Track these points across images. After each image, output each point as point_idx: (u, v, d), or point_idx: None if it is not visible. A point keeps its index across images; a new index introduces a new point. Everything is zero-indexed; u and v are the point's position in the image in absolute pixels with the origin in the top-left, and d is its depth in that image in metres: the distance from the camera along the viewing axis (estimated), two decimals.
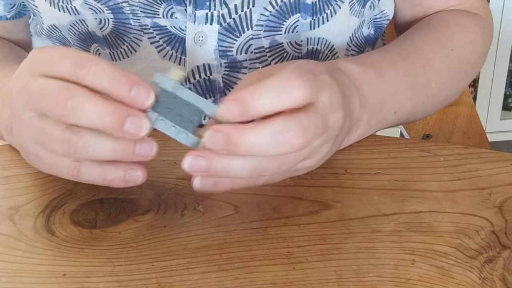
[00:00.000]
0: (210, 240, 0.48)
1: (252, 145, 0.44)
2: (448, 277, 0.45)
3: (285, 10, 0.63)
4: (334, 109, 0.48)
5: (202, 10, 0.61)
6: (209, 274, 0.45)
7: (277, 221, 0.50)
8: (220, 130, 0.44)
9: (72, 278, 0.45)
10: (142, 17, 0.62)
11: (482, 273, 0.45)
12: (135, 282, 0.45)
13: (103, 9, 0.62)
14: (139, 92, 0.45)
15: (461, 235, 0.49)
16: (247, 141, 0.43)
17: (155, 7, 0.61)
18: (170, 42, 0.63)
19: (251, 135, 0.44)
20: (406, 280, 0.45)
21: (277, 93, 0.44)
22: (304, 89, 0.45)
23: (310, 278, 0.45)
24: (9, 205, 0.52)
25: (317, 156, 0.49)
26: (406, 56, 0.62)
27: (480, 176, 0.54)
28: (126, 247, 0.48)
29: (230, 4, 0.61)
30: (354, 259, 0.47)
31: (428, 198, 0.52)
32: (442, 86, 0.64)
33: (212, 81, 0.65)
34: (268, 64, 0.66)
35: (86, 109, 0.44)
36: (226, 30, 0.63)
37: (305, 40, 0.66)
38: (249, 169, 0.45)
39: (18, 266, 0.47)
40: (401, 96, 0.60)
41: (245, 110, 0.44)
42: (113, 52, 0.65)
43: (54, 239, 0.49)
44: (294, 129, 0.44)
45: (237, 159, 0.45)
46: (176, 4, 0.60)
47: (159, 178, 0.54)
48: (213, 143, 0.44)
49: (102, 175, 0.47)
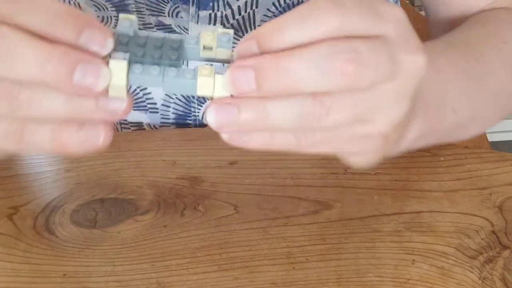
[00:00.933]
0: (210, 240, 0.48)
1: (291, 77, 0.33)
2: (448, 277, 0.45)
3: (288, 11, 0.62)
4: (408, 47, 0.35)
5: (206, 10, 0.61)
6: (209, 274, 0.45)
7: (277, 221, 0.50)
8: (246, 64, 0.33)
9: (72, 278, 0.45)
10: (147, 15, 0.62)
11: (482, 273, 0.45)
12: (135, 282, 0.45)
13: (107, 6, 0.61)
14: (92, 36, 0.33)
15: (461, 235, 0.49)
16: (284, 72, 0.32)
17: (161, 5, 0.61)
18: None
19: (288, 63, 0.32)
20: (406, 280, 0.45)
21: (311, 19, 0.33)
22: (352, 12, 0.33)
23: (310, 278, 0.45)
24: (9, 205, 0.52)
25: (384, 115, 0.36)
26: (455, 47, 0.52)
27: (480, 176, 0.54)
28: (126, 247, 0.48)
29: (233, 6, 0.61)
30: (354, 259, 0.46)
31: (428, 198, 0.52)
32: (499, 83, 0.54)
33: None
34: None
35: (20, 54, 0.32)
36: None
37: None
38: (291, 114, 0.33)
39: (18, 266, 0.46)
40: (457, 88, 0.49)
41: (268, 47, 0.33)
42: None
43: (54, 239, 0.49)
44: (345, 51, 0.32)
45: (275, 101, 0.33)
46: (182, 2, 0.60)
47: (159, 178, 0.54)
48: (238, 84, 0.33)
49: (52, 135, 0.35)
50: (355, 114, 0.34)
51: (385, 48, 0.34)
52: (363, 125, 0.35)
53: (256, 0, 0.61)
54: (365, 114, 0.35)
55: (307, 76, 0.32)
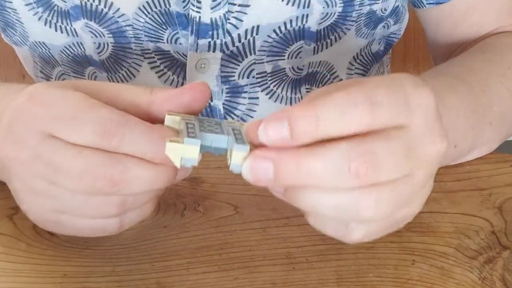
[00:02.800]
0: (210, 240, 0.48)
1: (309, 175, 0.35)
2: (448, 277, 0.45)
3: (289, 37, 0.62)
4: (431, 137, 0.37)
5: (205, 39, 0.60)
6: (209, 274, 0.45)
7: (277, 221, 0.50)
8: (267, 156, 0.35)
9: (72, 278, 0.45)
10: (145, 42, 0.61)
11: (482, 273, 0.45)
12: (135, 282, 0.45)
13: (104, 33, 0.60)
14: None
15: (461, 235, 0.49)
16: (303, 170, 0.35)
17: (160, 32, 0.60)
18: (171, 67, 0.62)
19: (308, 162, 0.34)
20: (406, 280, 0.45)
21: (346, 116, 0.35)
22: (377, 109, 0.35)
23: (310, 278, 0.45)
24: (9, 205, 0.52)
25: (417, 200, 0.40)
26: (462, 78, 0.54)
27: (480, 177, 0.54)
28: (127, 247, 0.48)
29: (233, 33, 0.60)
30: (354, 259, 0.47)
31: (428, 198, 0.52)
32: (505, 109, 0.56)
33: (213, 107, 0.64)
34: (267, 88, 0.65)
35: (141, 178, 0.38)
36: (229, 56, 0.62)
37: (307, 65, 0.65)
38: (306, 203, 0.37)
39: (18, 266, 0.47)
40: (463, 125, 0.51)
41: (299, 134, 0.35)
42: (111, 76, 0.63)
43: (54, 239, 0.49)
44: (362, 154, 0.34)
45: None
46: (181, 28, 0.59)
47: None
48: (256, 173, 0.36)
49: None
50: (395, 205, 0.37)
51: (404, 145, 0.36)
52: (401, 210, 0.39)
53: (257, 28, 0.60)
54: (401, 203, 0.38)
55: (323, 175, 0.34)
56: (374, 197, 0.36)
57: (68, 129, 0.38)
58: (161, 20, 0.59)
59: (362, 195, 0.36)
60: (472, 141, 0.53)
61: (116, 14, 0.59)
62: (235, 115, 0.65)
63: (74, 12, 0.59)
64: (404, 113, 0.36)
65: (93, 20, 0.59)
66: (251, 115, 0.65)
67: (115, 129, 0.37)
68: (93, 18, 0.59)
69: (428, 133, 0.37)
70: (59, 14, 0.60)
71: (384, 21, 0.68)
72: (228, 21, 0.59)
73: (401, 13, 0.69)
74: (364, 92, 0.34)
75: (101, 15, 0.59)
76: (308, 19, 0.60)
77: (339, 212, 0.37)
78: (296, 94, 0.67)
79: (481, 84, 0.54)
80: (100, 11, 0.59)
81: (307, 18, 0.60)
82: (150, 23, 0.59)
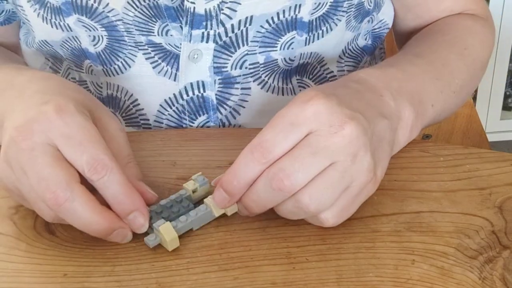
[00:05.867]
0: (210, 240, 0.48)
1: (254, 200, 0.47)
2: (448, 277, 0.45)
3: (282, 27, 0.62)
4: (332, 129, 0.46)
5: (199, 29, 0.60)
6: (209, 274, 0.45)
7: (277, 221, 0.50)
8: (221, 193, 0.48)
9: (72, 278, 0.45)
10: (137, 35, 0.61)
11: (482, 273, 0.45)
12: (135, 282, 0.45)
13: (97, 27, 0.61)
14: (136, 219, 0.47)
15: (461, 235, 0.49)
16: (246, 199, 0.48)
17: (150, 25, 0.60)
18: (165, 58, 0.62)
19: (246, 196, 0.47)
20: (406, 280, 0.45)
21: (243, 167, 0.47)
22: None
23: (310, 278, 0.45)
24: (9, 205, 0.52)
25: (358, 176, 0.47)
26: (422, 56, 0.62)
27: (480, 176, 0.54)
28: (126, 247, 0.48)
29: (227, 24, 0.60)
30: (354, 259, 0.47)
31: (428, 198, 0.52)
32: (464, 82, 0.64)
33: (206, 98, 0.64)
34: (259, 78, 0.66)
35: (79, 215, 0.46)
36: (221, 47, 0.62)
37: (298, 56, 0.65)
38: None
39: (18, 266, 0.47)
40: (432, 88, 0.59)
41: (229, 194, 0.48)
42: (107, 69, 0.64)
43: (54, 239, 0.49)
44: (275, 174, 0.45)
45: None
46: (171, 21, 0.60)
47: (159, 178, 0.54)
48: (219, 202, 0.49)
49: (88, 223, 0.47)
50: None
51: (306, 149, 0.45)
52: (348, 189, 0.47)
53: (250, 18, 0.61)
54: (340, 185, 0.46)
55: (266, 200, 0.47)
56: (305, 196, 0.46)
57: (70, 149, 0.46)
58: (150, 13, 0.59)
59: (297, 198, 0.46)
60: (442, 104, 0.60)
61: (106, 9, 0.60)
62: (228, 105, 0.65)
63: (66, 8, 0.60)
64: (293, 130, 0.46)
65: (85, 15, 0.60)
66: (243, 105, 0.66)
67: (100, 168, 0.46)
68: (85, 13, 0.60)
69: (328, 129, 0.46)
70: (52, 11, 0.61)
71: (370, 15, 0.69)
72: (222, 12, 0.59)
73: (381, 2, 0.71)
74: (255, 141, 0.46)
75: (92, 10, 0.60)
76: (301, 9, 0.61)
77: (297, 214, 0.47)
78: (287, 84, 0.67)
79: (441, 60, 0.62)
80: (91, 7, 0.60)
81: (300, 8, 0.61)
82: (140, 17, 0.60)
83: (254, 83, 0.65)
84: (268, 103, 0.67)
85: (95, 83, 0.67)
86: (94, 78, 0.66)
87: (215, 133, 0.62)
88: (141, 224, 0.47)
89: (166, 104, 0.65)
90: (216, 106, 0.65)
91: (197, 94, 0.64)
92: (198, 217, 0.49)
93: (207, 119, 0.65)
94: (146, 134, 0.61)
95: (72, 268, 0.46)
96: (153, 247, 0.47)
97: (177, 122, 0.66)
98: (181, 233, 0.48)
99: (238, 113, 0.66)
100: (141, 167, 0.51)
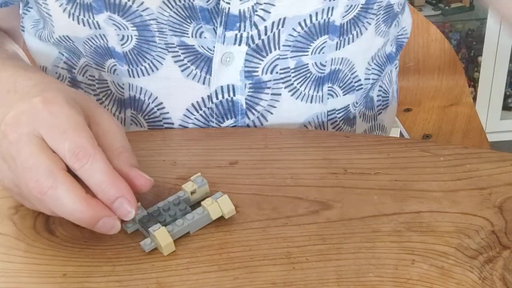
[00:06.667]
0: (210, 240, 0.48)
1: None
2: (448, 277, 0.45)
3: (314, 31, 0.62)
4: None
5: (232, 31, 0.60)
6: (209, 274, 0.45)
7: (277, 221, 0.50)
8: None
9: (72, 278, 0.45)
10: (169, 36, 0.61)
11: (482, 273, 0.45)
12: (135, 282, 0.45)
13: (128, 26, 0.60)
14: (122, 206, 0.47)
15: (461, 235, 0.49)
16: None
17: (184, 26, 0.60)
18: (195, 61, 0.62)
19: None
20: (406, 280, 0.45)
21: None
22: None
23: (310, 278, 0.45)
24: (9, 205, 0.52)
25: None
26: None
27: (480, 176, 0.54)
28: (126, 247, 0.48)
29: (260, 26, 0.60)
30: (354, 259, 0.47)
31: (428, 198, 0.52)
32: None
33: (235, 102, 0.64)
34: (291, 85, 0.66)
35: (63, 203, 0.45)
36: (253, 51, 0.62)
37: (329, 61, 0.65)
38: None
39: (18, 266, 0.47)
40: None
41: None
42: (132, 69, 0.63)
43: (54, 239, 0.49)
44: None
45: None
46: (205, 23, 0.59)
47: (159, 178, 0.54)
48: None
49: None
50: None
51: None
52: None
53: (283, 20, 0.60)
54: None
55: None
56: None
57: (54, 137, 0.47)
58: (185, 14, 0.59)
59: None
60: None
61: (140, 7, 0.59)
62: (256, 110, 0.65)
63: (97, 5, 0.59)
64: None
65: (117, 13, 0.60)
66: (271, 111, 0.66)
67: (82, 155, 0.46)
68: (117, 11, 0.60)
69: None
70: (81, 7, 0.60)
71: (397, 18, 0.70)
72: (255, 13, 0.59)
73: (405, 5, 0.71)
74: None
75: (125, 8, 0.59)
76: (333, 11, 0.61)
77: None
78: (318, 92, 0.67)
79: None
80: (124, 4, 0.59)
81: (332, 11, 0.61)
82: (175, 17, 0.59)
83: (285, 89, 0.65)
84: (295, 110, 0.67)
85: (117, 83, 0.66)
86: (116, 78, 0.66)
87: (215, 133, 0.62)
88: (128, 210, 0.47)
89: (193, 108, 0.64)
90: (245, 110, 0.65)
91: (226, 97, 0.64)
92: (194, 220, 0.49)
93: (234, 123, 0.65)
94: (146, 134, 0.61)
95: (71, 268, 0.46)
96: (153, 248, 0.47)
97: (203, 126, 0.65)
98: (177, 237, 0.48)
99: (266, 118, 0.66)
100: (141, 167, 0.51)
